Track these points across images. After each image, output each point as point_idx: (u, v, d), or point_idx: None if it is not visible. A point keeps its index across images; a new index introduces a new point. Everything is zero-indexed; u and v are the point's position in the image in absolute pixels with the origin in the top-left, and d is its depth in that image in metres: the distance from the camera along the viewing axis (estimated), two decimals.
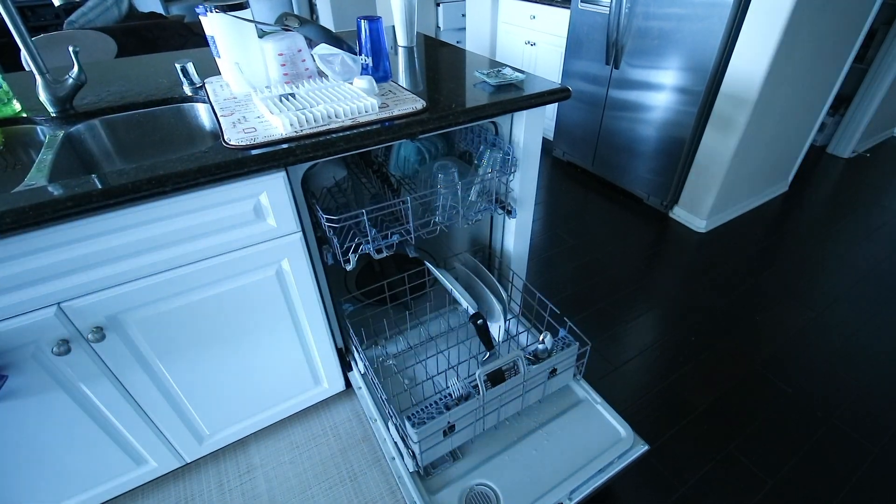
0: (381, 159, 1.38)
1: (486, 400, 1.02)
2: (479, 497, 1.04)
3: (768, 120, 2.04)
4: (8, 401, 0.86)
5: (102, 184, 0.74)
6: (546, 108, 1.15)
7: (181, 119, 1.19)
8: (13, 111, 1.07)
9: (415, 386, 1.29)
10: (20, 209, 0.69)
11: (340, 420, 1.39)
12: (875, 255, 2.11)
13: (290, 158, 0.87)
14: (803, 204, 2.53)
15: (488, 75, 1.18)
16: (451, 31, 4.00)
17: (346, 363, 1.38)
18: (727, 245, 2.19)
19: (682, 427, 1.39)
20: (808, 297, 1.87)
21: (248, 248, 0.95)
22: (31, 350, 0.83)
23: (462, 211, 1.18)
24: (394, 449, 1.12)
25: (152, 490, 1.23)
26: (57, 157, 0.92)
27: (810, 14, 1.75)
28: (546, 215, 2.43)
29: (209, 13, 0.98)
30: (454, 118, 1.01)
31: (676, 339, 1.69)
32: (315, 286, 1.10)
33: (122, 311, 0.88)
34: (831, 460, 1.30)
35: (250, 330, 1.07)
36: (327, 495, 1.21)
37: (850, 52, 2.21)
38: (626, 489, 1.24)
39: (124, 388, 0.98)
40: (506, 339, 1.35)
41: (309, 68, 1.13)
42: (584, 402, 1.22)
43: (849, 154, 3.01)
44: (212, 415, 1.16)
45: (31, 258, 0.75)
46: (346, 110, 0.95)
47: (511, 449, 1.13)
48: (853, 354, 1.62)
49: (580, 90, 2.55)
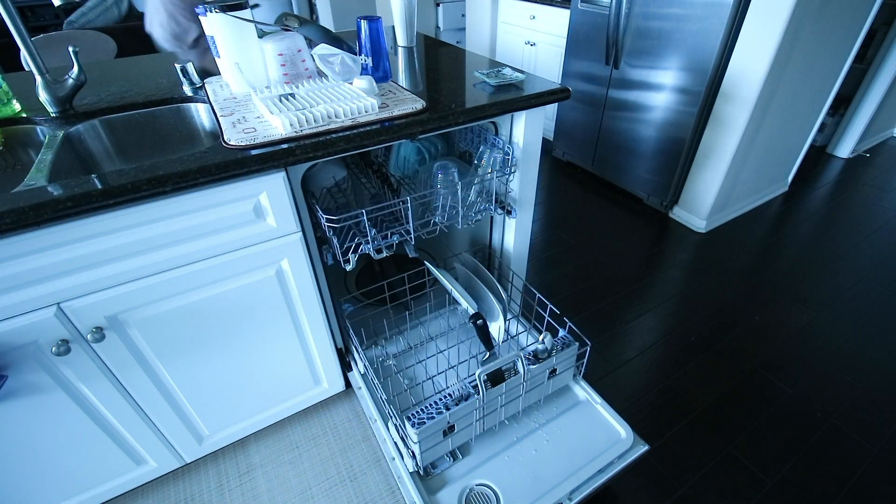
0: (381, 159, 1.38)
1: (485, 400, 1.02)
2: (479, 497, 1.04)
3: (768, 120, 2.04)
4: (8, 401, 0.86)
5: (102, 184, 0.74)
6: (546, 108, 1.15)
7: (181, 119, 1.19)
8: (13, 111, 1.07)
9: (415, 386, 1.29)
10: (20, 209, 0.69)
11: (340, 420, 1.39)
12: (875, 255, 2.11)
13: (289, 158, 0.87)
14: (803, 204, 2.53)
15: (488, 75, 1.18)
16: (451, 31, 4.00)
17: (345, 363, 1.38)
18: (727, 245, 2.19)
19: (682, 427, 1.39)
20: (808, 297, 1.87)
21: (248, 249, 0.95)
22: (31, 350, 0.83)
23: (462, 211, 1.18)
24: (394, 449, 1.12)
25: (152, 490, 1.23)
26: (57, 157, 0.92)
27: (810, 14, 1.75)
28: (546, 215, 2.43)
29: (209, 13, 0.98)
30: (454, 118, 1.01)
31: (676, 339, 1.69)
32: (315, 286, 1.10)
33: (122, 312, 0.88)
34: (831, 460, 1.30)
35: (250, 330, 1.07)
36: (327, 495, 1.21)
37: (850, 52, 2.21)
38: (626, 489, 1.24)
39: (124, 388, 0.98)
40: (506, 340, 1.35)
41: (309, 68, 1.13)
42: (584, 403, 1.22)
43: (848, 154, 3.01)
44: (211, 415, 1.16)
45: (30, 258, 0.75)
46: (345, 110, 0.95)
47: (511, 449, 1.12)
48: (853, 354, 1.62)
49: (580, 90, 2.55)
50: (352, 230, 1.10)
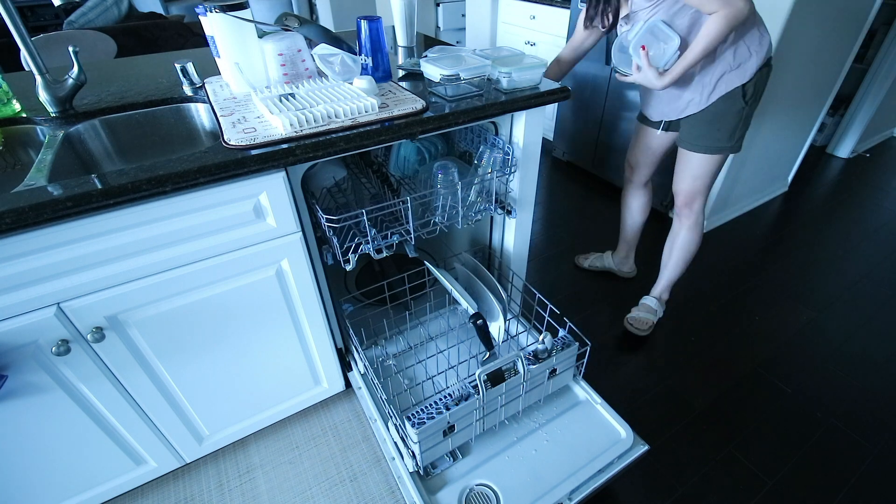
0: (381, 159, 1.38)
1: (485, 400, 1.02)
2: (479, 497, 1.04)
3: (768, 120, 2.04)
4: (8, 401, 0.86)
5: (102, 184, 0.74)
6: (546, 108, 1.15)
7: (181, 119, 1.19)
8: (13, 111, 1.07)
9: (415, 386, 1.29)
10: (20, 209, 0.69)
11: (340, 420, 1.39)
12: (875, 255, 2.11)
13: (289, 158, 0.87)
14: (803, 204, 2.52)
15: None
16: (451, 31, 4.00)
17: (345, 363, 1.38)
18: (727, 245, 2.19)
19: (682, 427, 1.39)
20: (807, 297, 1.87)
21: (248, 248, 0.95)
22: (31, 350, 0.83)
23: (462, 211, 1.18)
24: (394, 449, 1.12)
25: (152, 490, 1.23)
26: (56, 157, 0.92)
27: (810, 14, 1.75)
28: (546, 215, 2.43)
29: (209, 13, 0.98)
30: (454, 118, 1.01)
31: (676, 339, 1.69)
32: (315, 286, 1.10)
33: (122, 312, 0.88)
34: (831, 460, 1.30)
35: (250, 330, 1.07)
36: (327, 495, 1.21)
37: (850, 52, 2.21)
38: (626, 489, 1.24)
39: (124, 388, 0.98)
40: (506, 339, 1.35)
41: (309, 68, 1.13)
42: (584, 403, 1.22)
43: (848, 154, 3.01)
44: (211, 415, 1.16)
45: (30, 258, 0.75)
46: (345, 110, 0.95)
47: (511, 449, 1.12)
48: (853, 354, 1.62)
49: (580, 90, 2.54)
50: (352, 230, 1.10)
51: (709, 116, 1.30)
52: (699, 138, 1.34)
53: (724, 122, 1.29)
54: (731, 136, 1.32)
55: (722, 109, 1.28)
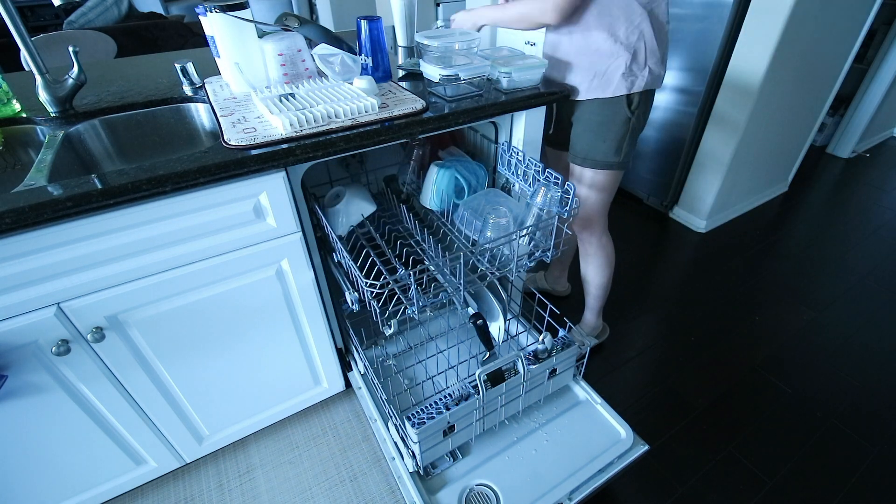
0: (410, 188, 1.29)
1: (485, 400, 1.02)
2: (479, 497, 1.04)
3: (768, 120, 2.04)
4: (8, 401, 0.86)
5: (102, 184, 0.74)
6: (546, 108, 1.15)
7: (181, 119, 1.19)
8: (13, 111, 1.07)
9: (415, 386, 1.29)
10: (20, 209, 0.69)
11: (340, 420, 1.39)
12: (875, 255, 2.11)
13: (289, 158, 0.87)
14: (803, 204, 2.53)
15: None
16: None
17: (345, 363, 1.38)
18: (727, 245, 2.19)
19: (682, 427, 1.39)
20: (807, 297, 1.87)
21: (248, 249, 0.95)
22: (31, 350, 0.83)
23: (516, 262, 1.03)
24: (394, 449, 1.12)
25: (152, 490, 1.23)
26: (56, 157, 0.92)
27: (810, 14, 1.75)
28: None
29: (209, 13, 0.98)
30: (454, 118, 1.01)
31: (676, 339, 1.69)
32: (315, 286, 1.10)
33: (122, 312, 0.88)
34: (831, 460, 1.30)
35: (250, 330, 1.07)
36: (327, 495, 1.21)
37: (850, 52, 2.21)
38: (626, 489, 1.24)
39: (124, 388, 0.98)
40: (506, 340, 1.35)
41: (309, 68, 1.13)
42: (584, 403, 1.22)
43: (848, 154, 3.01)
44: (211, 415, 1.16)
45: (30, 258, 0.75)
46: (345, 110, 0.95)
47: (511, 449, 1.12)
48: (853, 354, 1.62)
49: None
50: (394, 294, 0.97)
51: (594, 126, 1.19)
52: (588, 151, 1.23)
53: (610, 131, 1.18)
54: (619, 151, 1.21)
55: (608, 117, 1.17)
